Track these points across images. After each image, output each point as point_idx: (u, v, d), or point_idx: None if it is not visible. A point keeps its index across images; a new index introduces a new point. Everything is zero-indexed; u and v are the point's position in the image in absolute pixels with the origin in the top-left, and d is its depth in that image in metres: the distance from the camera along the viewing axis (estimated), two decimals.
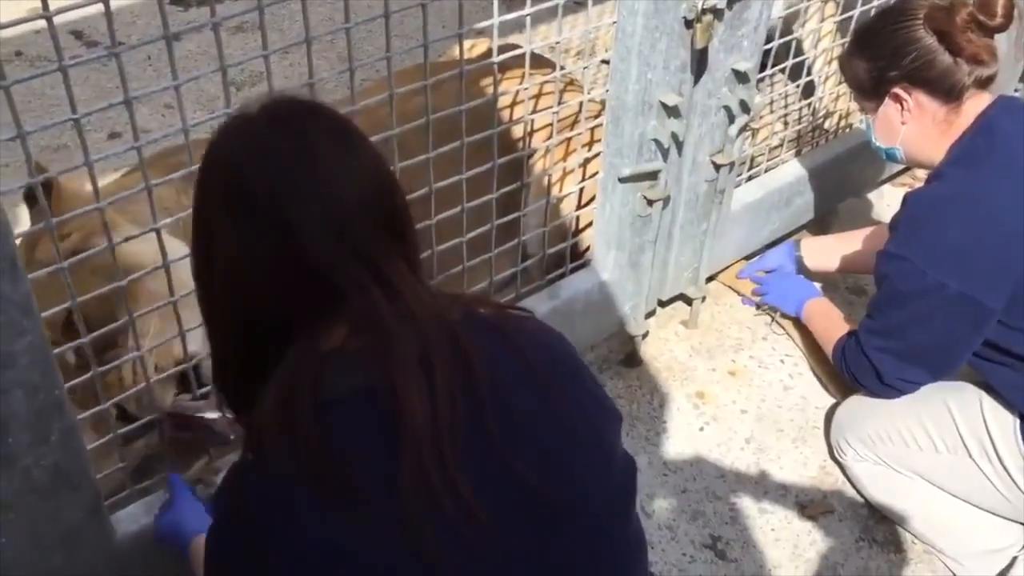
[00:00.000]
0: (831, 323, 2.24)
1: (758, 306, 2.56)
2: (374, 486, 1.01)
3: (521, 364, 1.11)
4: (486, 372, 1.07)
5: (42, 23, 1.19)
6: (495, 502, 1.03)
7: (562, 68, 1.98)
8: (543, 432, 1.09)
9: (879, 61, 1.91)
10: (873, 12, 2.29)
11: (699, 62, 2.02)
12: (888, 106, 1.94)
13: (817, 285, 2.48)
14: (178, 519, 1.57)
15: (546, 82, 2.09)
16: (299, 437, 1.01)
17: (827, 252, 2.45)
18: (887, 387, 1.99)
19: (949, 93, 1.87)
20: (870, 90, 1.96)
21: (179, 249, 1.51)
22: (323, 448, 1.01)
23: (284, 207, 1.04)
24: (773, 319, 2.55)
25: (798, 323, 2.42)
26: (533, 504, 1.06)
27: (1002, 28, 1.84)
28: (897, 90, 1.90)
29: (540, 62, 2.22)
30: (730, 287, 2.61)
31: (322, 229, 1.04)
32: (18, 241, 1.28)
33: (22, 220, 2.64)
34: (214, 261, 1.09)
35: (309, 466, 1.00)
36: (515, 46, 1.99)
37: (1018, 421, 1.90)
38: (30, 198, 1.58)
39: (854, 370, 2.04)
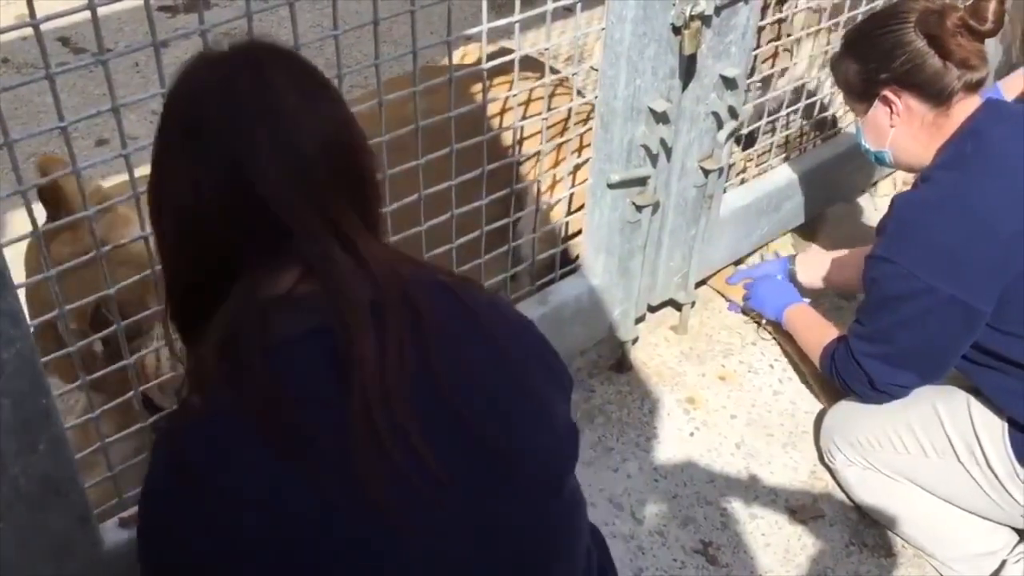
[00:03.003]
0: (815, 329, 2.24)
1: (744, 312, 2.57)
2: (322, 429, 1.00)
3: (469, 319, 1.11)
4: (435, 323, 1.07)
5: (29, 30, 1.19)
6: (443, 449, 1.03)
7: (554, 71, 1.98)
8: (490, 383, 1.10)
9: (870, 63, 1.92)
10: (864, 15, 2.30)
11: (687, 68, 2.03)
12: (877, 108, 1.94)
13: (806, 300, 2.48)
14: None
15: (538, 86, 2.09)
16: (245, 379, 1.00)
17: (821, 269, 2.43)
18: (879, 392, 1.99)
19: (938, 96, 1.87)
20: (860, 92, 1.97)
21: None
22: (270, 389, 0.99)
23: (236, 144, 1.03)
24: (760, 325, 2.55)
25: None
26: (481, 452, 1.06)
27: (992, 33, 1.85)
28: (887, 92, 1.91)
29: (534, 66, 2.22)
30: (719, 292, 2.62)
31: (273, 170, 1.03)
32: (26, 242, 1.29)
33: (13, 225, 2.64)
34: (170, 198, 1.08)
35: (255, 408, 0.99)
36: (509, 50, 1.99)
37: (1006, 424, 1.90)
38: (44, 198, 1.59)
39: (845, 376, 2.03)
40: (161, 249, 1.13)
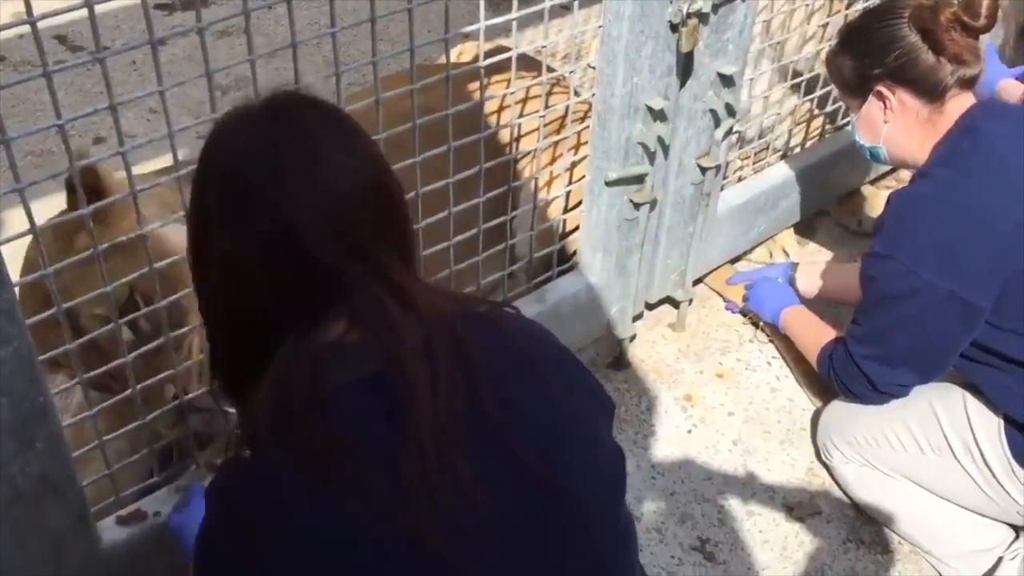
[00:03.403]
0: (811, 331, 2.22)
1: (743, 313, 2.56)
2: (376, 473, 1.01)
3: (516, 355, 1.13)
4: (484, 362, 1.08)
5: (26, 28, 1.19)
6: (496, 488, 1.04)
7: (551, 69, 1.98)
8: (540, 420, 1.11)
9: (864, 59, 1.92)
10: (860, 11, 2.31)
11: (685, 66, 2.03)
12: (871, 104, 1.94)
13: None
14: (188, 521, 1.57)
15: (534, 84, 2.09)
16: (297, 428, 1.02)
17: (823, 280, 2.41)
18: (881, 394, 1.97)
19: (932, 92, 1.87)
20: (854, 88, 1.97)
21: None
22: (324, 437, 1.01)
23: (281, 200, 1.04)
24: (758, 327, 2.55)
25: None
26: (532, 489, 1.07)
27: (985, 29, 1.85)
28: (880, 88, 1.91)
29: (531, 64, 2.22)
30: (717, 292, 2.61)
31: (320, 223, 1.04)
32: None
33: (11, 223, 2.63)
34: (211, 254, 1.09)
35: (308, 456, 1.00)
36: (504, 48, 1.99)
37: (1002, 421, 1.90)
38: (70, 187, 1.59)
39: (844, 379, 2.01)
40: (204, 305, 1.14)
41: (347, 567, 1.00)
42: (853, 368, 1.98)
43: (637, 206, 2.15)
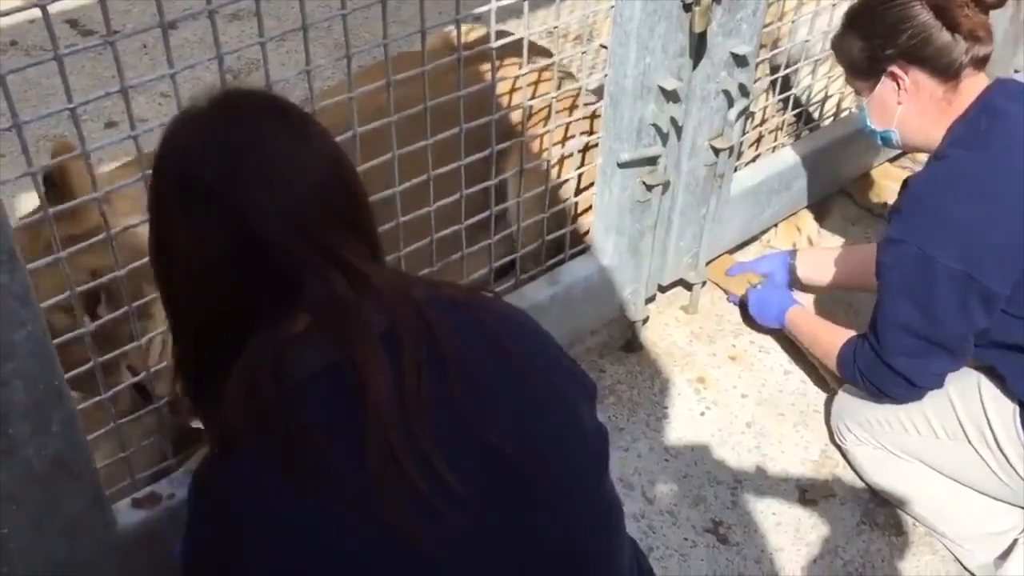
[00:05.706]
0: (823, 330, 2.17)
1: (743, 304, 2.53)
2: (345, 464, 1.02)
3: (485, 336, 1.13)
4: (451, 344, 1.08)
5: (37, 12, 1.19)
6: (469, 472, 1.05)
7: (548, 56, 1.96)
8: (510, 400, 1.11)
9: (874, 39, 1.89)
10: None
11: (698, 46, 2.01)
12: (884, 85, 1.91)
13: (806, 297, 2.45)
14: None
15: (544, 69, 2.07)
16: (267, 422, 1.02)
17: (822, 266, 2.38)
18: (919, 389, 1.93)
19: (946, 71, 1.85)
20: (865, 69, 1.94)
21: None
22: (291, 430, 1.02)
23: (234, 196, 1.05)
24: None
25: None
26: (506, 471, 1.07)
27: (998, 4, 1.83)
28: (893, 68, 1.88)
29: (532, 50, 2.19)
30: (717, 284, 2.57)
31: (273, 217, 1.05)
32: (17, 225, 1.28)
33: (24, 207, 2.64)
34: (173, 254, 1.10)
35: (280, 450, 1.01)
36: (507, 33, 1.97)
37: (1017, 408, 1.89)
38: (48, 179, 1.60)
39: (875, 382, 1.96)
40: (169, 301, 1.15)
41: (326, 557, 1.00)
42: (884, 369, 1.92)
43: (650, 188, 2.14)
